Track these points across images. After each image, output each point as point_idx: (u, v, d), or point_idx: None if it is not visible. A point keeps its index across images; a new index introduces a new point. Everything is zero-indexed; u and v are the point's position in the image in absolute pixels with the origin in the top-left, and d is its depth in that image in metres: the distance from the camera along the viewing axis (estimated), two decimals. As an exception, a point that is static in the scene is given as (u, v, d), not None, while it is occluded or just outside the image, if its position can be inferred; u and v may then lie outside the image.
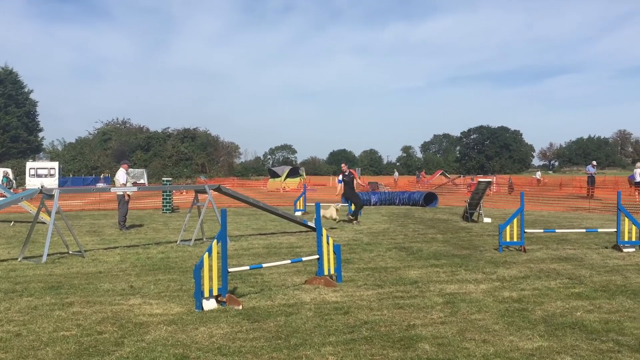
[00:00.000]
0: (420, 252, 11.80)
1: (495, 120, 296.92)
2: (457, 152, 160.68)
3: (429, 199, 26.56)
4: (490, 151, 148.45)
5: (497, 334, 6.04)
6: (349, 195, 18.77)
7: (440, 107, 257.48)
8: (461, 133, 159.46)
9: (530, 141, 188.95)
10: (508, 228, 11.89)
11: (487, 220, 18.56)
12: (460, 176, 66.94)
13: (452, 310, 7.08)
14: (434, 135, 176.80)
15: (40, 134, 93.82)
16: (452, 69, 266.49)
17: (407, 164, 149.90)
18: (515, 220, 11.91)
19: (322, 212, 18.05)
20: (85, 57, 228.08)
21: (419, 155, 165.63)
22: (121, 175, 17.30)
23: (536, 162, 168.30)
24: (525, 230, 12.16)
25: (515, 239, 11.92)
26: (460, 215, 20.23)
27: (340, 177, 22.22)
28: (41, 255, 11.07)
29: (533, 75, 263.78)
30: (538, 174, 57.73)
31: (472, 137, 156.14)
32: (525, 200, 12.41)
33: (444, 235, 14.90)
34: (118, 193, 16.47)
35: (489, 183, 21.12)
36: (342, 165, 20.66)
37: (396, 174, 62.77)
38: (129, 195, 17.02)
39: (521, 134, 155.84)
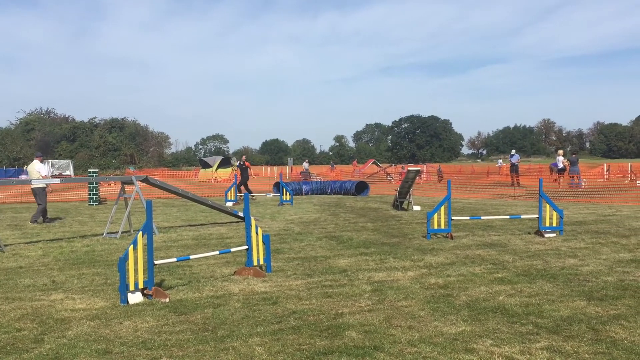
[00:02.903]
0: (351, 241, 11.89)
1: (425, 109, 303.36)
2: (389, 141, 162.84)
3: (361, 188, 26.82)
4: (421, 140, 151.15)
5: (423, 319, 6.15)
6: (244, 182, 23.79)
7: (372, 96, 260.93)
8: (393, 122, 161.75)
9: (460, 130, 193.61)
10: (436, 216, 12.11)
11: (416, 208, 18.88)
12: (391, 165, 67.84)
13: (379, 297, 7.16)
14: (366, 125, 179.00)
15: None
16: (383, 59, 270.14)
17: (340, 153, 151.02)
18: (442, 208, 12.14)
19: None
20: (5, 42, 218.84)
21: (352, 144, 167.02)
22: (41, 166, 16.72)
23: (465, 150, 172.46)
24: (452, 218, 12.43)
25: (442, 227, 12.17)
26: (390, 204, 20.50)
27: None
28: (-43, 251, 10.59)
29: (462, 65, 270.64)
30: (500, 162, 59.06)
31: (403, 126, 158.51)
32: (453, 188, 12.68)
33: (374, 223, 15.06)
34: (38, 186, 15.87)
35: (419, 172, 21.48)
36: (242, 156, 26.20)
37: (305, 164, 62.93)
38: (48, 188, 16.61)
39: (451, 123, 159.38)
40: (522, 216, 14.09)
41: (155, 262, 7.34)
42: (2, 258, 10.35)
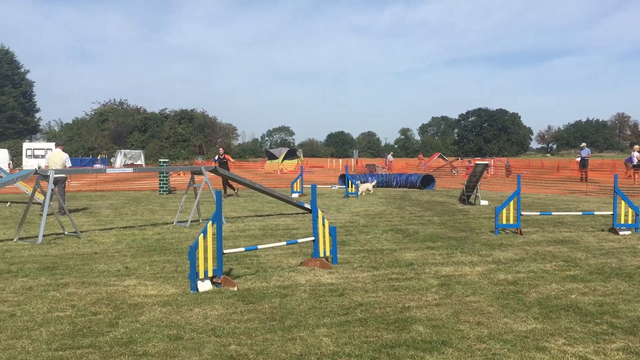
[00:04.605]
0: (417, 235, 11.80)
1: (493, 102, 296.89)
2: (455, 134, 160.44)
3: (427, 181, 26.56)
4: (489, 134, 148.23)
5: (492, 316, 6.05)
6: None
7: (439, 89, 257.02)
8: (459, 115, 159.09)
9: (529, 124, 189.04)
10: (504, 210, 11.88)
11: (484, 202, 18.57)
12: (458, 159, 66.89)
13: (447, 292, 7.08)
14: (432, 118, 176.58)
15: (37, 115, 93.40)
16: (451, 51, 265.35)
17: (405, 146, 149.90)
18: (511, 203, 11.90)
19: (360, 188, 19.87)
20: (82, 36, 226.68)
21: (417, 137, 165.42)
22: (67, 156, 16.31)
23: (534, 144, 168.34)
24: (522, 213, 12.16)
25: (511, 222, 11.92)
26: (457, 198, 20.23)
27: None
28: (37, 236, 11.04)
29: (532, 57, 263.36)
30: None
31: (470, 119, 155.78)
32: (522, 183, 12.40)
33: (440, 217, 14.90)
34: (59, 175, 14.98)
35: (486, 166, 21.11)
36: (220, 149, 25.07)
37: (390, 156, 62.32)
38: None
39: (519, 117, 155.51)
40: (595, 212, 13.64)
41: (224, 251, 7.47)
42: (79, 244, 10.74)
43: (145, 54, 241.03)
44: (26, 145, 56.42)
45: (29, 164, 50.07)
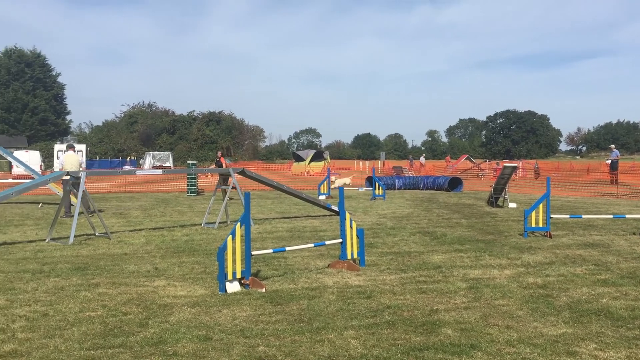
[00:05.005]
0: (444, 237, 11.74)
1: (522, 104, 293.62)
2: (483, 136, 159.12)
3: (454, 183, 26.40)
4: (517, 136, 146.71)
5: (521, 319, 6.00)
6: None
7: (466, 91, 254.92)
8: (487, 117, 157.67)
9: (558, 126, 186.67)
10: (534, 213, 11.77)
11: (512, 205, 18.40)
12: (485, 161, 66.37)
13: (475, 295, 7.04)
14: (460, 120, 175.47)
15: (68, 117, 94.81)
16: (478, 52, 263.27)
17: (432, 148, 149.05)
18: (541, 206, 11.78)
19: (338, 182, 19.21)
20: (111, 39, 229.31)
21: (444, 139, 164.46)
22: (81, 159, 16.09)
23: (563, 147, 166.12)
24: (551, 216, 12.03)
25: (540, 225, 11.80)
26: (485, 200, 20.06)
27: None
28: (68, 237, 11.22)
29: (562, 58, 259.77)
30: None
31: (498, 121, 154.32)
32: (551, 186, 12.27)
33: (468, 220, 14.81)
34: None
35: (515, 168, 20.91)
36: (218, 152, 26.88)
37: (422, 158, 62.08)
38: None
39: (548, 119, 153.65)
40: (627, 216, 13.45)
41: (253, 252, 7.52)
42: (109, 245, 10.89)
43: (173, 57, 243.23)
44: (57, 147, 57.24)
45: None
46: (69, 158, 16.57)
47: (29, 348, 5.15)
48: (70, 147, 17.88)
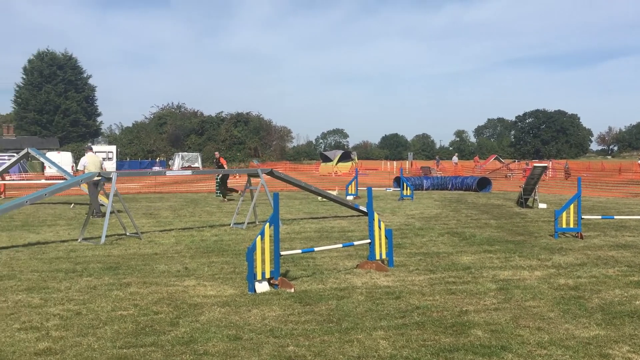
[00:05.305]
0: (473, 238, 11.66)
1: (551, 103, 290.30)
2: (512, 136, 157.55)
3: (483, 184, 26.19)
4: (546, 135, 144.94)
5: (552, 321, 5.94)
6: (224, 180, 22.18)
7: (495, 90, 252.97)
8: (516, 117, 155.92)
9: (589, 125, 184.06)
10: (564, 214, 11.63)
11: (542, 206, 18.20)
12: (514, 161, 65.70)
13: (505, 296, 6.98)
14: (488, 119, 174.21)
15: (99, 119, 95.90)
16: (507, 51, 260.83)
17: (460, 148, 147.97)
18: (572, 206, 11.63)
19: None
20: (140, 42, 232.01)
21: (473, 139, 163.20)
22: (101, 160, 16.95)
23: (594, 146, 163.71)
24: (582, 217, 11.88)
25: (571, 225, 11.66)
26: (514, 201, 19.87)
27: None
28: (100, 237, 11.39)
29: (592, 57, 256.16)
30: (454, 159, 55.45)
31: (527, 121, 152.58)
32: (582, 186, 12.11)
33: (497, 220, 14.68)
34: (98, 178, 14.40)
35: (545, 168, 20.68)
36: (216, 153, 26.96)
37: (455, 158, 61.78)
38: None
39: (579, 118, 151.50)
40: (660, 217, 13.21)
41: (281, 253, 7.55)
42: (140, 245, 11.02)
43: (201, 58, 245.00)
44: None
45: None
46: (91, 159, 16.84)
47: (63, 346, 5.24)
48: (89, 148, 18.17)
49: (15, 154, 32.20)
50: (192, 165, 59.55)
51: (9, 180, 26.29)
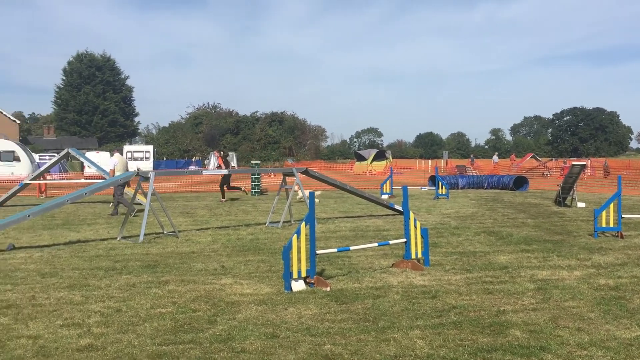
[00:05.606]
0: (510, 237, 11.54)
1: (589, 101, 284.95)
2: (549, 134, 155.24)
3: (519, 182, 25.88)
4: (585, 133, 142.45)
5: (593, 322, 5.85)
6: (226, 180, 21.96)
7: (531, 88, 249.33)
8: (553, 115, 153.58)
9: (628, 123, 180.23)
10: (604, 213, 11.43)
11: (580, 205, 17.91)
12: (552, 159, 64.75)
13: (544, 296, 6.90)
14: (524, 118, 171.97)
15: (136, 119, 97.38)
16: (544, 48, 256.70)
17: (496, 146, 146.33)
18: (611, 205, 11.43)
19: (301, 193, 16.08)
20: (176, 42, 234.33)
21: (509, 138, 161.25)
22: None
23: (634, 144, 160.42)
24: (623, 216, 11.67)
25: (611, 225, 11.46)
26: (552, 200, 19.59)
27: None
28: (138, 235, 11.56)
29: (630, 53, 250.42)
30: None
31: (565, 119, 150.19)
32: (622, 184, 11.90)
33: (535, 219, 14.50)
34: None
35: (583, 166, 20.35)
36: (215, 151, 27.00)
37: (495, 157, 61.24)
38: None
39: (618, 116, 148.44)
40: None
41: (317, 251, 7.58)
42: (177, 243, 11.16)
43: (237, 58, 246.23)
44: (126, 148, 58.85)
45: (129, 166, 52.25)
46: (121, 159, 17.76)
47: (104, 342, 5.34)
48: (118, 150, 18.85)
49: (55, 154, 32.90)
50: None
51: (50, 179, 26.84)
